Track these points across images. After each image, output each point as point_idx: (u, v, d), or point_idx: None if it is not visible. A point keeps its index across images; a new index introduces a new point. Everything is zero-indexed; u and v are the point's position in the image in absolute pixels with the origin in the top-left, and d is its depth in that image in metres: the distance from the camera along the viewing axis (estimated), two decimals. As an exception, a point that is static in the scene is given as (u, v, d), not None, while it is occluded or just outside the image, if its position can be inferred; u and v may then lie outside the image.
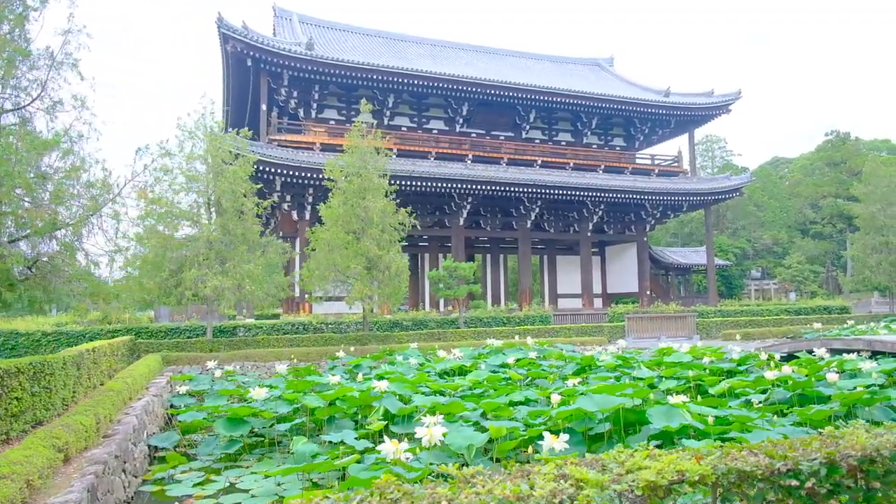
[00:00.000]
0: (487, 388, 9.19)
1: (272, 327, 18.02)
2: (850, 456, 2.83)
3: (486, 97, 28.43)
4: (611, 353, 12.36)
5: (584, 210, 31.04)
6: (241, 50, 23.59)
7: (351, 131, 17.69)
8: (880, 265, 24.98)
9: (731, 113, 32.72)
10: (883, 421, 7.11)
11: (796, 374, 9.13)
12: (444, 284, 18.87)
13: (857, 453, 2.84)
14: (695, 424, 5.79)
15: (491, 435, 5.84)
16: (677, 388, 9.63)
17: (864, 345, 12.13)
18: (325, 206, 16.20)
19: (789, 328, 20.83)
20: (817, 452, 2.84)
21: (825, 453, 2.82)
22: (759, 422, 6.30)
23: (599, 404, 6.00)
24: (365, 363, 12.91)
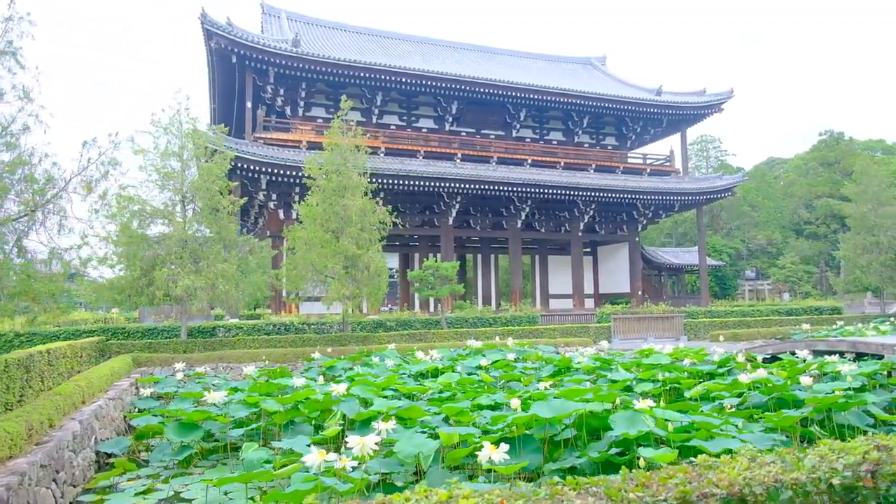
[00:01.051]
0: (456, 391, 8.90)
1: (253, 328, 17.72)
2: (713, 495, 2.33)
3: (476, 95, 28.16)
4: (589, 354, 12.08)
5: (576, 210, 30.78)
6: (225, 46, 23.28)
7: (331, 128, 17.37)
8: (871, 265, 24.74)
9: (723, 112, 32.50)
10: (858, 426, 6.85)
11: (775, 377, 8.86)
12: (425, 284, 18.58)
13: (723, 491, 2.34)
14: (656, 431, 5.51)
15: (442, 442, 5.55)
16: (653, 391, 9.38)
17: (848, 346, 11.87)
18: (304, 205, 15.91)
19: (778, 329, 20.57)
20: (672, 490, 2.34)
21: (678, 492, 2.31)
22: (728, 428, 6.03)
23: (556, 410, 5.71)
24: (340, 365, 12.62)
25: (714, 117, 32.89)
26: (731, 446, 5.15)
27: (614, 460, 5.61)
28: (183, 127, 14.70)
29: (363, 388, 8.49)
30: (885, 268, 24.55)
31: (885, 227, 24.80)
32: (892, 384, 9.17)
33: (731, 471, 2.50)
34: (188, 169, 14.58)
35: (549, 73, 34.40)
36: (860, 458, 2.46)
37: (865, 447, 2.60)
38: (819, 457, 2.60)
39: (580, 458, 5.53)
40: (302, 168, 22.62)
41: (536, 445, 5.74)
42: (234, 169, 22.87)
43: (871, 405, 7.02)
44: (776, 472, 2.45)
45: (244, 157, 22.18)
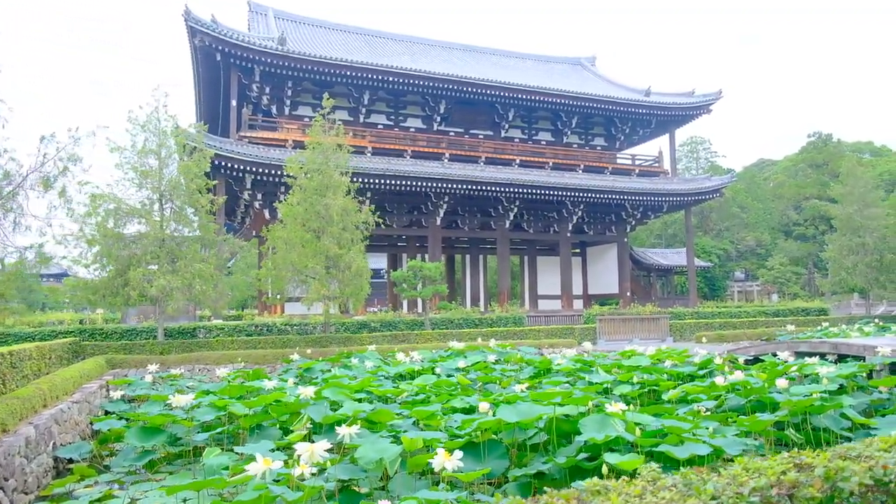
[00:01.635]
0: (430, 394, 8.74)
1: (234, 329, 17.49)
2: None
3: (464, 95, 28.02)
4: (569, 356, 11.94)
5: (564, 210, 30.68)
6: (209, 44, 23.02)
7: (313, 127, 17.16)
8: (856, 267, 24.77)
9: (711, 113, 32.51)
10: (831, 429, 6.73)
11: (754, 380, 8.75)
12: (408, 284, 18.39)
13: None
14: (625, 436, 5.36)
15: (405, 447, 5.38)
16: (631, 393, 9.25)
17: (829, 348, 11.79)
18: (284, 204, 15.70)
19: (764, 330, 20.53)
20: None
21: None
22: (700, 432, 5.89)
23: (523, 414, 5.56)
24: (318, 366, 12.42)
25: (706, 119, 32.94)
26: (700, 451, 5.02)
27: (583, 465, 5.46)
28: (161, 124, 14.46)
29: (335, 390, 8.31)
30: (871, 269, 24.59)
31: (870, 228, 24.86)
32: (872, 386, 9.09)
33: (615, 499, 2.26)
34: (166, 167, 14.34)
35: (539, 73, 34.31)
36: (774, 479, 2.25)
37: (783, 466, 2.42)
38: (728, 479, 2.37)
39: (546, 464, 5.37)
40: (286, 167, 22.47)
41: (503, 451, 5.58)
42: (219, 168, 22.65)
43: (848, 408, 6.90)
44: (670, 499, 2.20)
45: (228, 155, 21.94)
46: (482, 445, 5.51)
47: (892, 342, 11.31)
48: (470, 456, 5.55)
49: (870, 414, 8.36)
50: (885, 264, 24.59)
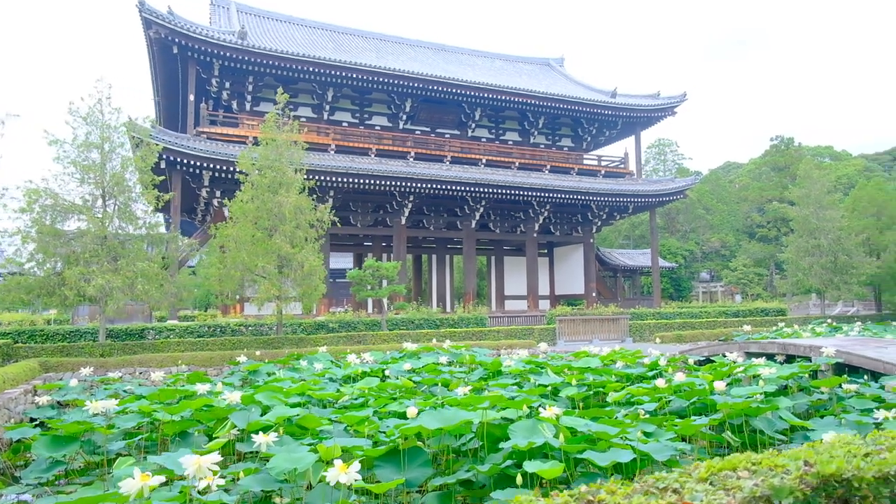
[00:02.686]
0: (370, 397, 8.46)
1: (185, 330, 16.93)
2: None
3: (431, 94, 27.77)
4: (521, 357, 11.78)
5: (530, 210, 30.66)
6: (165, 36, 22.33)
7: (266, 122, 16.72)
8: (812, 268, 25.24)
9: (676, 115, 32.84)
10: (766, 432, 6.65)
11: (699, 381, 8.67)
12: (364, 284, 18.06)
13: None
14: (552, 442, 5.16)
15: (321, 456, 5.09)
16: (577, 395, 9.10)
17: (778, 348, 11.83)
18: (235, 201, 15.24)
19: (722, 331, 20.73)
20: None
21: None
22: (634, 436, 5.73)
23: (446, 420, 5.32)
24: (264, 369, 12.03)
25: (674, 121, 33.49)
26: (622, 458, 4.84)
27: (509, 472, 5.25)
28: (105, 117, 13.87)
29: (268, 394, 7.96)
30: (826, 270, 25.07)
31: (825, 230, 25.35)
32: (814, 386, 9.09)
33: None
34: (110, 161, 13.76)
35: (507, 72, 34.27)
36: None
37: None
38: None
39: (469, 472, 5.15)
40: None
41: (425, 458, 5.34)
42: (174, 164, 22.03)
43: (784, 410, 6.83)
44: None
45: (182, 151, 21.32)
46: (403, 453, 5.26)
47: (837, 343, 11.41)
48: (391, 465, 5.30)
49: (810, 415, 8.35)
50: (838, 266, 25.11)
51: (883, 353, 10.43)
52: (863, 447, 2.41)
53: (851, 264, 24.80)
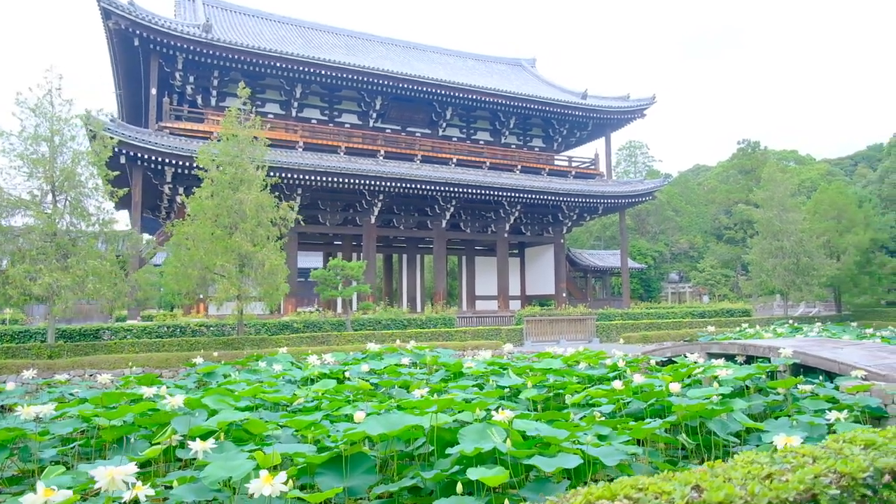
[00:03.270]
0: (324, 399, 8.21)
1: (143, 330, 16.42)
2: None
3: (401, 92, 27.54)
4: (483, 358, 11.65)
5: (501, 210, 30.63)
6: (125, 28, 21.67)
7: (226, 117, 16.30)
8: (775, 269, 25.71)
9: (645, 118, 33.19)
10: (719, 434, 6.61)
11: (658, 382, 8.63)
12: (328, 284, 17.75)
13: None
14: (500, 447, 5.01)
15: (258, 463, 4.85)
16: (537, 397, 9.00)
17: (738, 349, 11.92)
18: (193, 198, 14.80)
19: (688, 331, 20.95)
20: None
21: None
22: (586, 440, 5.61)
23: (389, 425, 5.13)
24: (220, 371, 11.66)
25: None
26: (568, 464, 4.71)
27: (456, 479, 5.08)
28: (55, 109, 13.32)
29: (217, 397, 7.66)
30: (788, 272, 25.57)
31: (788, 232, 25.85)
32: (770, 387, 9.13)
33: None
34: (60, 155, 13.21)
35: (479, 72, 34.21)
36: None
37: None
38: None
39: (413, 479, 4.97)
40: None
41: (370, 465, 5.14)
42: (135, 160, 21.40)
43: (738, 412, 6.81)
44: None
45: (143, 146, 20.70)
46: (345, 460, 5.05)
47: (794, 343, 11.53)
48: (333, 472, 5.09)
49: (766, 416, 8.39)
50: (801, 267, 25.63)
51: (838, 353, 10.57)
52: (767, 466, 2.26)
53: (813, 266, 25.36)
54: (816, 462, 2.25)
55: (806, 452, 2.45)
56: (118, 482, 3.60)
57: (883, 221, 31.45)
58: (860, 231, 27.52)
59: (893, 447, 2.40)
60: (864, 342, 12.75)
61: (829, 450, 2.47)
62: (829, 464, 2.19)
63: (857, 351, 10.84)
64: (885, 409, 8.37)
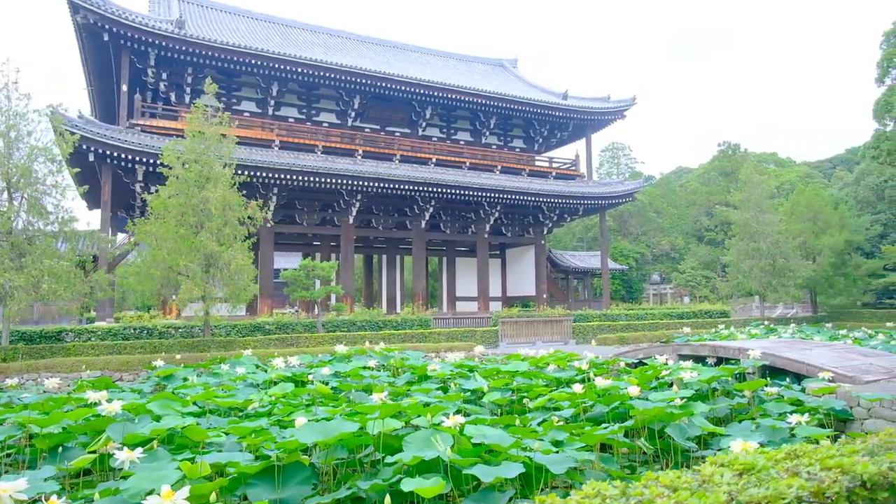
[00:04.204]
0: (277, 404, 7.95)
1: (108, 332, 15.96)
2: None
3: (380, 91, 27.23)
4: (451, 361, 11.43)
5: (481, 211, 30.43)
6: (94, 22, 21.14)
7: (192, 113, 15.92)
8: (752, 271, 25.79)
9: (626, 119, 33.20)
10: (676, 439, 6.43)
11: (624, 384, 8.46)
12: (299, 284, 17.42)
13: None
14: (442, 456, 4.78)
15: (185, 475, 4.58)
16: (500, 400, 8.80)
17: (709, 351, 11.82)
18: (155, 196, 14.41)
19: (664, 332, 20.89)
20: None
21: None
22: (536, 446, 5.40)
23: (324, 433, 4.88)
24: (180, 374, 11.33)
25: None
26: (510, 473, 4.49)
27: (398, 488, 4.84)
28: (12, 103, 12.88)
29: (162, 403, 7.36)
30: (765, 273, 25.66)
31: (765, 233, 25.95)
32: (736, 390, 9.01)
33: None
34: (17, 151, 12.77)
35: (460, 72, 34.01)
36: None
37: None
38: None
39: (349, 489, 4.73)
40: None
41: (306, 475, 4.89)
42: (104, 157, 20.90)
43: (699, 416, 6.65)
44: None
45: (112, 144, 20.21)
46: (278, 469, 4.79)
47: (763, 345, 11.44)
48: (266, 482, 4.83)
49: (731, 419, 8.25)
50: (777, 268, 25.74)
51: (806, 355, 10.49)
52: (613, 502, 2.01)
53: (789, 267, 25.47)
54: (676, 493, 2.02)
55: (667, 483, 2.21)
56: (5, 499, 3.31)
57: (858, 223, 31.76)
58: (835, 233, 27.74)
59: (777, 472, 2.16)
60: (833, 343, 12.72)
61: (697, 478, 2.23)
62: (681, 497, 1.96)
63: (825, 352, 10.77)
64: (851, 411, 8.28)
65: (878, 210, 34.23)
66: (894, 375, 9.42)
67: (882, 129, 21.52)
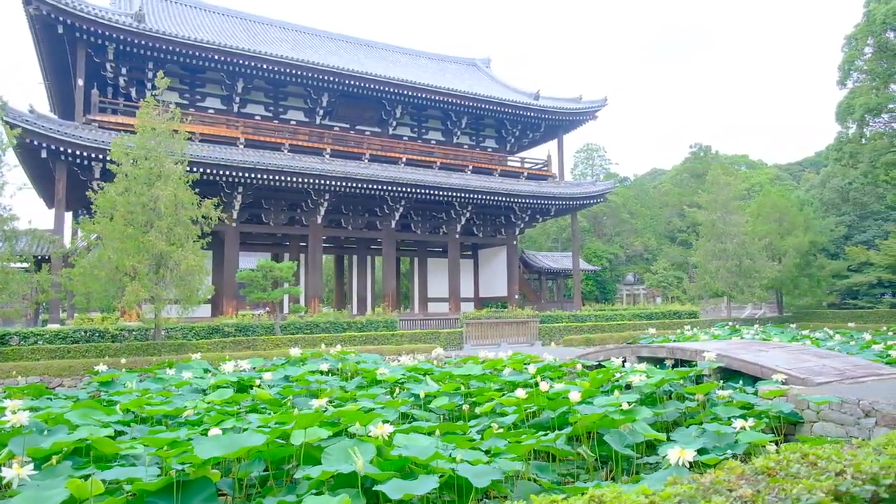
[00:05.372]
0: (209, 412, 7.56)
1: (56, 335, 15.34)
2: None
3: (349, 89, 26.82)
4: (403, 364, 11.14)
5: (452, 211, 30.19)
6: (47, 14, 20.41)
7: (142, 108, 15.39)
8: (718, 271, 25.95)
9: (597, 119, 33.23)
10: (613, 447, 6.21)
11: (574, 388, 8.24)
12: (255, 285, 16.97)
13: None
14: (357, 470, 4.48)
15: (73, 494, 4.21)
16: (447, 405, 8.52)
17: (667, 353, 11.69)
18: (100, 193, 13.85)
19: (631, 333, 20.85)
20: None
21: None
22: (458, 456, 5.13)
23: (227, 447, 4.56)
24: (122, 379, 10.84)
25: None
26: (421, 489, 4.20)
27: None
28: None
29: (83, 412, 6.94)
30: (731, 274, 25.83)
31: (731, 234, 26.13)
32: (688, 393, 8.86)
33: None
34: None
35: (432, 71, 33.73)
36: None
37: None
38: None
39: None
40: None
41: (211, 492, 4.55)
42: (57, 154, 20.19)
43: (643, 421, 6.44)
44: None
45: (65, 140, 19.52)
46: (176, 486, 4.45)
47: (720, 346, 11.35)
48: (165, 501, 4.48)
49: (681, 424, 8.08)
50: (743, 269, 25.94)
51: (761, 356, 10.40)
52: None
53: (755, 268, 25.69)
54: None
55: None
56: None
57: (823, 225, 32.22)
58: (800, 234, 28.07)
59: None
60: (790, 345, 12.70)
61: None
62: None
63: (781, 354, 10.71)
64: (801, 414, 8.19)
65: (842, 212, 34.79)
66: (846, 377, 9.37)
67: (844, 132, 21.80)
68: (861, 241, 32.87)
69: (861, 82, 21.41)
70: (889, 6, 18.74)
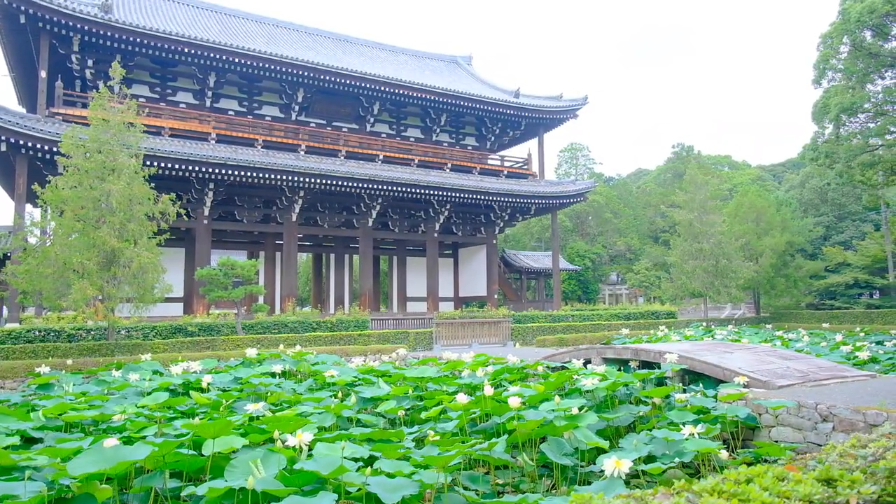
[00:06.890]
0: (146, 416, 7.16)
1: (9, 335, 14.80)
2: None
3: (326, 85, 26.36)
4: (356, 366, 10.77)
5: (431, 209, 29.83)
6: (8, 3, 19.79)
7: (96, 99, 14.88)
8: (695, 271, 25.82)
9: (578, 118, 32.98)
10: (549, 456, 5.88)
11: (531, 391, 7.92)
12: (215, 284, 16.51)
13: None
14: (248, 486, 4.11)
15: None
16: (393, 409, 8.16)
17: (631, 354, 11.40)
18: (48, 187, 13.33)
19: (605, 334, 20.61)
20: None
21: None
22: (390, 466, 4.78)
23: (104, 461, 4.17)
24: (64, 381, 10.36)
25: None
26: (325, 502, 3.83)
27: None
28: None
29: (5, 416, 6.51)
30: (707, 273, 25.71)
31: (708, 234, 26.01)
32: (645, 396, 8.55)
33: None
34: None
35: (411, 67, 33.34)
36: None
37: None
38: None
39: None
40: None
41: (92, 508, 4.16)
42: (17, 147, 19.58)
43: (585, 428, 6.12)
44: None
45: (23, 133, 18.92)
46: None
47: (683, 348, 11.08)
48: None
49: (634, 429, 7.78)
50: (719, 269, 25.83)
51: (725, 358, 10.14)
52: None
53: (731, 268, 25.59)
54: None
55: None
56: None
57: (801, 225, 32.22)
58: (777, 234, 28.02)
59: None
60: (757, 346, 12.46)
61: None
62: None
63: (745, 356, 10.45)
64: (758, 418, 7.92)
65: (821, 213, 34.85)
66: (809, 379, 9.12)
67: (820, 132, 21.74)
68: (839, 241, 32.94)
69: (837, 81, 21.33)
70: (864, 4, 18.65)
